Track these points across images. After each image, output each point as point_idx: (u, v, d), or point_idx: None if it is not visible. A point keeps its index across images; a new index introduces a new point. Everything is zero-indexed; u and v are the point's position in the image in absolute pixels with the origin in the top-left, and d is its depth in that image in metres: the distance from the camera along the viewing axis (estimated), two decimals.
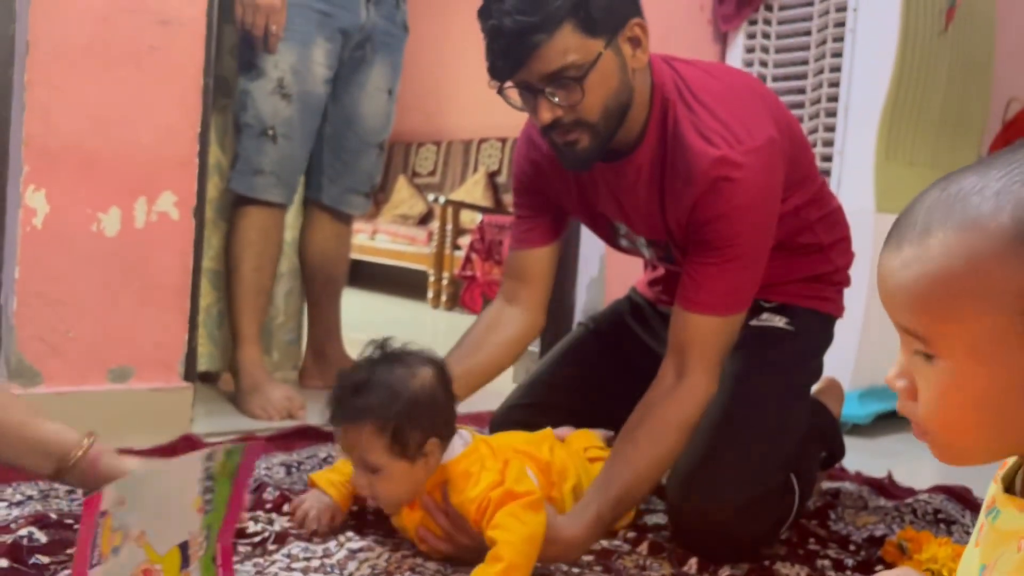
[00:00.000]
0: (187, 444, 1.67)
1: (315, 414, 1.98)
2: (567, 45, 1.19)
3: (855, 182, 2.29)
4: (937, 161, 2.40)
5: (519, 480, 1.16)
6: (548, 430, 1.44)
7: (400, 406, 1.12)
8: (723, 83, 1.34)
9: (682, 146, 1.28)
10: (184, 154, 1.71)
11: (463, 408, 1.28)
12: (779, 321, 1.46)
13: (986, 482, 0.64)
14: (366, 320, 4.36)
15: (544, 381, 1.63)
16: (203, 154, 1.77)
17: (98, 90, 1.63)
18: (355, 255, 5.07)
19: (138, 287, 1.69)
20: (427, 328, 4.32)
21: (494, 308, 1.55)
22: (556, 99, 1.22)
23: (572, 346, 1.68)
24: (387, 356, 1.18)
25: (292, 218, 2.25)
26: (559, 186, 1.46)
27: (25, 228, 1.59)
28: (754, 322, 1.44)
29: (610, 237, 1.52)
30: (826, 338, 1.53)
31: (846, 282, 1.56)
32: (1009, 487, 0.62)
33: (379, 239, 5.13)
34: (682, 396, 1.30)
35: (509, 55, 1.20)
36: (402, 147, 5.92)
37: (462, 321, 3.87)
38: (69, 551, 1.15)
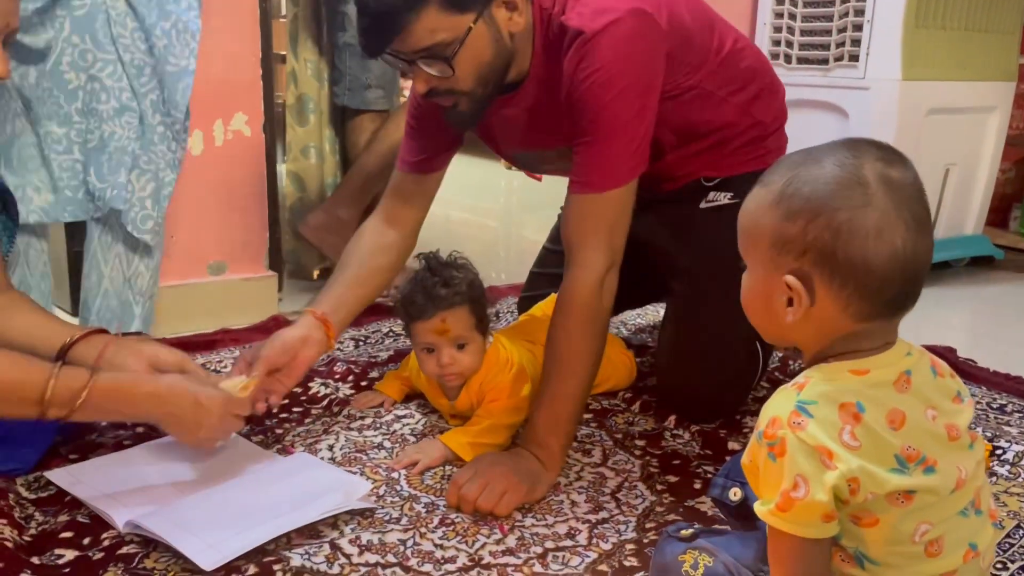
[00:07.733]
0: (275, 323, 2.03)
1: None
2: (433, 25, 1.19)
3: (883, 51, 2.35)
4: (972, 23, 2.41)
5: (516, 392, 1.44)
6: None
7: (477, 290, 1.43)
8: None
9: (558, 44, 1.30)
10: (249, 78, 1.98)
11: (509, 280, 1.51)
12: (724, 198, 1.51)
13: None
14: (446, 180, 4.63)
15: (539, 273, 1.88)
16: (267, 73, 2.03)
17: None
18: None
19: (224, 195, 2.01)
20: (501, 187, 4.58)
21: (374, 231, 1.56)
22: (430, 71, 1.24)
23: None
24: (441, 262, 1.44)
25: None
26: None
27: None
28: (703, 205, 1.52)
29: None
30: None
31: (784, 135, 1.56)
32: None
33: None
34: (572, 282, 1.30)
35: (375, 35, 1.22)
36: None
37: (528, 182, 4.09)
38: None
